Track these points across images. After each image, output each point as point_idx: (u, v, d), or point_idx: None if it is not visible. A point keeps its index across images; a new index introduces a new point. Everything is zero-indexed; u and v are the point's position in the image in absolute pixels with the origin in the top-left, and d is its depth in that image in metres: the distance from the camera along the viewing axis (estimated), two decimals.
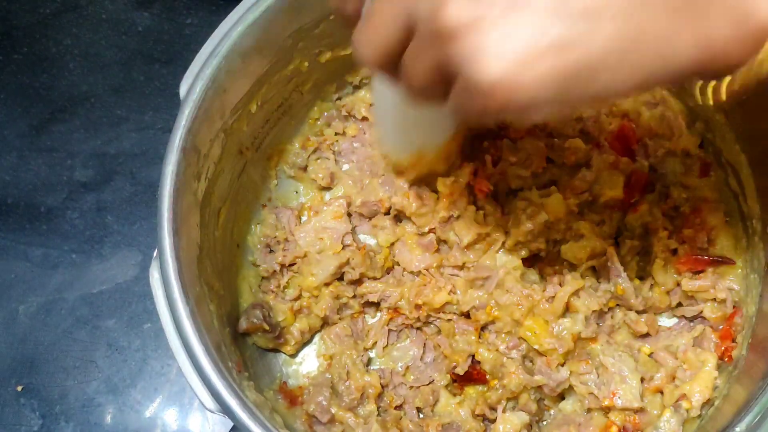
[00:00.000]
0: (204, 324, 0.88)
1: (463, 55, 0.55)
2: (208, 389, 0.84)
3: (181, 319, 0.85)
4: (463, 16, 0.54)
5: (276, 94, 1.09)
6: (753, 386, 0.88)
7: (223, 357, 0.90)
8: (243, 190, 1.11)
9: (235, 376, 0.90)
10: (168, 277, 0.86)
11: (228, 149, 1.03)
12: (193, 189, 0.95)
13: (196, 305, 0.88)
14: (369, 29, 0.63)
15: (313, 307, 1.09)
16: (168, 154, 0.90)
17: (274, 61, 1.03)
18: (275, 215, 1.14)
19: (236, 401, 0.83)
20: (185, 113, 0.91)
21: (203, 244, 0.97)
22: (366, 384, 1.04)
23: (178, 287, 0.86)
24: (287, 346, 1.08)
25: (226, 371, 0.86)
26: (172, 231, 0.87)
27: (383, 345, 1.09)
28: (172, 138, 0.90)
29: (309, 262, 1.09)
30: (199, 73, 0.93)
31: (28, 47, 1.38)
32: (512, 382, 0.99)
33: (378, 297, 1.07)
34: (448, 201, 1.06)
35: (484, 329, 1.05)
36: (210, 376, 0.84)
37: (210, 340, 0.87)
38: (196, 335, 0.85)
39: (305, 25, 1.03)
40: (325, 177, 1.15)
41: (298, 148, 1.17)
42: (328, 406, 1.02)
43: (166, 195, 0.88)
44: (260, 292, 1.11)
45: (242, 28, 0.95)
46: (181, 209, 0.90)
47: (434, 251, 1.08)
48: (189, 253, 0.92)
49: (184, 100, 0.92)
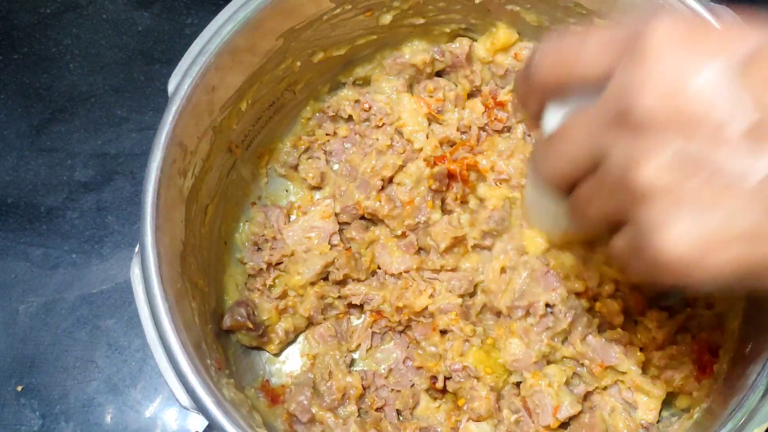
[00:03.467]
0: (183, 320, 0.88)
1: (649, 221, 0.53)
2: (183, 386, 0.84)
3: (160, 315, 0.85)
4: (660, 180, 0.52)
5: (267, 93, 1.09)
6: (734, 397, 0.88)
7: (201, 354, 0.90)
8: (232, 187, 1.11)
9: (213, 374, 0.90)
10: (148, 272, 0.86)
11: (217, 146, 1.03)
12: (179, 185, 0.95)
13: (176, 301, 0.88)
14: (555, 152, 0.62)
15: (298, 306, 1.09)
16: (153, 149, 0.90)
17: (266, 60, 1.03)
18: (264, 213, 1.14)
19: (211, 399, 0.83)
20: (172, 110, 0.92)
21: (188, 240, 0.97)
22: (348, 385, 1.04)
23: (158, 283, 0.86)
24: (271, 345, 1.09)
25: (203, 369, 0.86)
26: (155, 226, 0.87)
27: (367, 347, 1.09)
28: (158, 134, 0.90)
29: (296, 261, 1.09)
30: (188, 70, 0.93)
31: (28, 47, 1.38)
32: (482, 407, 1.00)
33: (360, 300, 1.08)
34: (411, 207, 1.07)
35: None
36: (186, 373, 0.84)
37: (189, 336, 0.87)
38: (174, 332, 0.85)
39: (297, 26, 1.02)
40: (315, 177, 1.15)
41: (290, 147, 1.17)
42: (309, 405, 1.02)
43: (149, 191, 0.89)
44: (246, 290, 1.11)
45: (232, 27, 0.94)
46: (165, 205, 0.90)
47: (414, 253, 1.08)
48: (172, 249, 0.92)
49: (171, 96, 0.93)
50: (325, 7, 1.03)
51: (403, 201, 1.07)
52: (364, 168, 1.10)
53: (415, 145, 1.10)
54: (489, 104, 1.13)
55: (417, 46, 1.15)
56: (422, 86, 1.16)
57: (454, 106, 1.14)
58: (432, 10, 1.09)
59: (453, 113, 1.14)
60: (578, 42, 0.60)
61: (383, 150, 1.10)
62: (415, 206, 1.07)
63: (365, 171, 1.10)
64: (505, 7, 1.07)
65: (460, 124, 1.13)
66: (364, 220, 1.12)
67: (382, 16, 1.08)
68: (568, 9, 1.03)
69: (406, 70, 1.15)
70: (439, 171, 1.07)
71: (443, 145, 1.11)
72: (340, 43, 1.11)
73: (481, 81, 1.15)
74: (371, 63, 1.17)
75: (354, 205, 1.10)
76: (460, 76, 1.16)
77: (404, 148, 1.10)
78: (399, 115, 1.12)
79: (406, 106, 1.12)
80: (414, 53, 1.14)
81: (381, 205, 1.07)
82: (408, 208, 1.07)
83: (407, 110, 1.12)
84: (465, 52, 1.13)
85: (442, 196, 1.09)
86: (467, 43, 1.14)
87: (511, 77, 1.14)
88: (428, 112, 1.12)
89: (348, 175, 1.12)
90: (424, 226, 1.08)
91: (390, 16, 1.08)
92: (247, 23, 0.95)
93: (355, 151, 1.13)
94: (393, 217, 1.08)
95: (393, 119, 1.12)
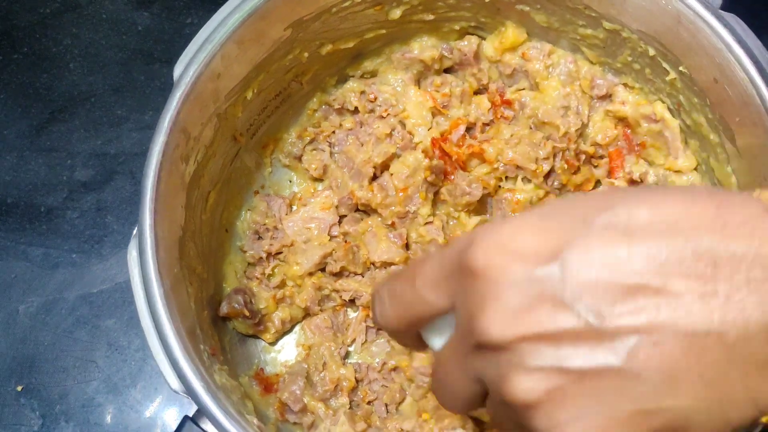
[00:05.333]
0: (179, 305, 0.89)
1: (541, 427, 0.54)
2: (174, 370, 0.84)
3: (155, 298, 0.86)
4: (535, 390, 0.53)
5: (274, 83, 1.09)
6: None
7: (195, 340, 0.90)
8: (236, 175, 1.12)
9: (206, 359, 0.91)
10: (145, 256, 0.87)
11: (221, 134, 1.03)
12: (180, 171, 0.95)
13: (172, 286, 0.88)
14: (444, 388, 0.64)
15: (296, 297, 1.09)
16: (156, 134, 0.90)
17: (273, 50, 1.03)
18: (267, 203, 1.14)
19: (201, 384, 0.83)
20: (176, 95, 0.92)
21: (187, 226, 0.97)
22: (341, 377, 1.05)
23: (154, 266, 0.86)
24: (267, 334, 1.09)
25: (195, 354, 0.86)
26: (154, 210, 0.88)
27: (362, 341, 1.09)
28: (161, 119, 0.91)
29: (295, 251, 1.10)
30: (194, 57, 0.93)
31: (28, 47, 1.39)
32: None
33: (351, 295, 1.08)
34: (404, 195, 1.07)
35: None
36: (177, 357, 0.84)
37: (183, 322, 0.88)
38: (167, 315, 0.85)
39: (305, 17, 1.02)
40: (318, 168, 1.15)
41: (295, 138, 1.17)
42: (302, 395, 1.03)
43: (150, 175, 0.89)
44: (245, 278, 1.11)
45: (240, 15, 0.95)
46: (166, 190, 0.91)
47: (402, 245, 1.08)
48: (171, 234, 0.92)
49: (176, 82, 0.93)
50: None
51: (397, 187, 1.08)
52: (360, 158, 1.10)
53: (415, 138, 1.11)
54: (496, 101, 1.13)
55: (426, 42, 1.15)
56: (429, 81, 1.16)
57: (460, 102, 1.14)
58: (442, 7, 1.09)
59: (459, 109, 1.13)
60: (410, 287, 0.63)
61: (381, 138, 1.11)
62: (407, 195, 1.08)
63: (360, 161, 1.10)
64: (515, 7, 1.07)
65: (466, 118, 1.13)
66: (358, 212, 1.13)
67: (391, 10, 1.08)
68: (577, 11, 1.02)
69: (414, 65, 1.15)
70: (437, 165, 1.08)
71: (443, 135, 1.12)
72: (348, 36, 1.11)
73: (488, 79, 1.15)
74: (380, 57, 1.17)
75: (348, 195, 1.10)
76: (468, 74, 1.16)
77: (402, 138, 1.11)
78: (404, 107, 1.13)
79: (411, 98, 1.13)
80: (423, 49, 1.14)
81: (374, 195, 1.08)
82: (401, 195, 1.07)
83: (412, 102, 1.13)
84: (473, 50, 1.13)
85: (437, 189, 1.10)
86: (476, 41, 1.14)
87: (518, 77, 1.14)
88: (433, 106, 1.13)
89: (344, 166, 1.13)
90: (413, 217, 1.09)
91: (400, 11, 1.08)
92: (254, 12, 0.95)
93: (353, 141, 1.14)
94: (386, 205, 1.08)
95: (398, 110, 1.13)
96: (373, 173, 1.10)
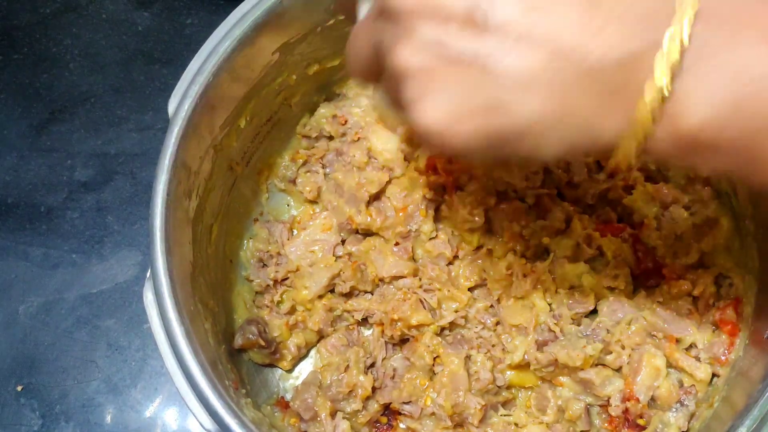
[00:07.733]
0: (200, 342, 0.87)
1: (407, 97, 0.58)
2: (206, 409, 0.83)
3: (177, 338, 0.84)
4: (413, 62, 0.57)
5: (264, 108, 1.09)
6: (752, 389, 0.88)
7: (219, 375, 0.89)
8: (234, 205, 1.11)
9: (233, 394, 0.90)
10: (162, 297, 0.86)
11: (218, 165, 1.03)
12: (185, 207, 0.95)
13: (191, 324, 0.87)
14: (351, 49, 0.68)
15: (308, 320, 1.08)
16: (158, 172, 0.89)
17: (262, 76, 1.03)
18: (267, 229, 1.14)
19: (235, 420, 0.82)
20: (174, 131, 0.91)
21: (196, 261, 0.97)
22: (359, 383, 1.03)
23: (173, 307, 0.85)
24: (283, 362, 1.08)
25: (223, 390, 0.85)
26: (165, 250, 0.87)
27: (382, 357, 1.08)
28: (162, 156, 0.90)
29: (301, 276, 1.09)
30: (187, 91, 0.93)
31: (28, 47, 1.38)
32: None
33: (362, 315, 1.07)
34: (404, 215, 1.07)
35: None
36: (208, 396, 0.83)
37: (206, 358, 0.86)
38: (192, 355, 0.84)
39: (292, 39, 1.03)
40: (312, 190, 1.14)
41: (288, 161, 1.17)
42: (313, 404, 1.02)
43: (157, 214, 0.88)
44: (255, 307, 1.10)
45: (229, 44, 0.94)
46: (174, 228, 0.90)
47: (409, 258, 1.08)
48: (182, 272, 0.91)
49: (172, 118, 0.92)
50: (319, 18, 1.03)
51: (396, 208, 1.08)
52: (349, 184, 1.10)
53: (382, 159, 1.11)
54: None
55: None
56: None
57: None
58: None
59: None
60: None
61: (362, 167, 1.11)
62: (408, 214, 1.08)
63: (351, 186, 1.10)
64: None
65: None
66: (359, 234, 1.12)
67: None
68: None
69: None
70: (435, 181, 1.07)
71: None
72: (333, 54, 1.11)
73: None
74: None
75: (347, 221, 1.10)
76: None
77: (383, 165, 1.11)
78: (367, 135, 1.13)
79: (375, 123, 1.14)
80: None
81: (373, 219, 1.08)
82: (401, 215, 1.07)
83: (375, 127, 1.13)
84: None
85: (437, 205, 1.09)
86: None
87: None
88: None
89: (335, 192, 1.12)
90: (416, 235, 1.08)
91: None
92: (244, 39, 0.95)
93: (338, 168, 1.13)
94: (386, 227, 1.08)
95: (367, 132, 1.13)
96: (369, 197, 1.09)
